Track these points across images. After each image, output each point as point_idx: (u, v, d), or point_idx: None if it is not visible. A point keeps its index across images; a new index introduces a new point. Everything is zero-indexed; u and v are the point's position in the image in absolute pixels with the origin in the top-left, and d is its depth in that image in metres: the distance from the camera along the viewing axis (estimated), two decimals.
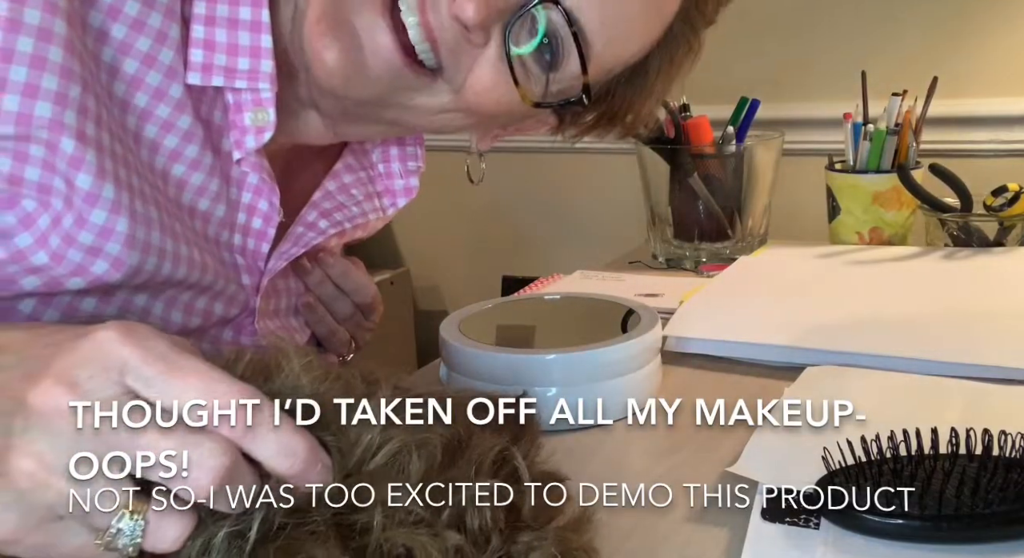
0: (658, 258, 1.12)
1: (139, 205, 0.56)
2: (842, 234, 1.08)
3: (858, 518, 0.47)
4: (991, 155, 1.26)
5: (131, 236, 0.56)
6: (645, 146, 1.10)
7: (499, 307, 0.76)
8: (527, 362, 0.64)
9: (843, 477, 0.49)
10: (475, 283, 1.67)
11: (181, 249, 0.60)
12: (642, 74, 0.68)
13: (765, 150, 1.09)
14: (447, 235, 1.70)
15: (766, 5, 1.37)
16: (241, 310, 0.68)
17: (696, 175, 1.08)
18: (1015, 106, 1.24)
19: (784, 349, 0.74)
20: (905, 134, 1.05)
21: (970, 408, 0.62)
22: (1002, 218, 0.98)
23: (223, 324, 0.67)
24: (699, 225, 1.09)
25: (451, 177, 1.66)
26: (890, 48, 1.29)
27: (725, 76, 1.38)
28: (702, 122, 1.09)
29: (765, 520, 0.50)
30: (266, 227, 0.66)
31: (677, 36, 0.68)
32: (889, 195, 1.05)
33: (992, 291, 0.86)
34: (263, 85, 0.60)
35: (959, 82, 1.24)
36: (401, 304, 1.71)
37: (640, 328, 0.68)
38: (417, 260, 1.75)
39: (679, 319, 0.81)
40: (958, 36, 1.27)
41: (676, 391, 0.68)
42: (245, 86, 0.60)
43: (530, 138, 1.57)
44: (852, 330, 0.77)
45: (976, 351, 0.70)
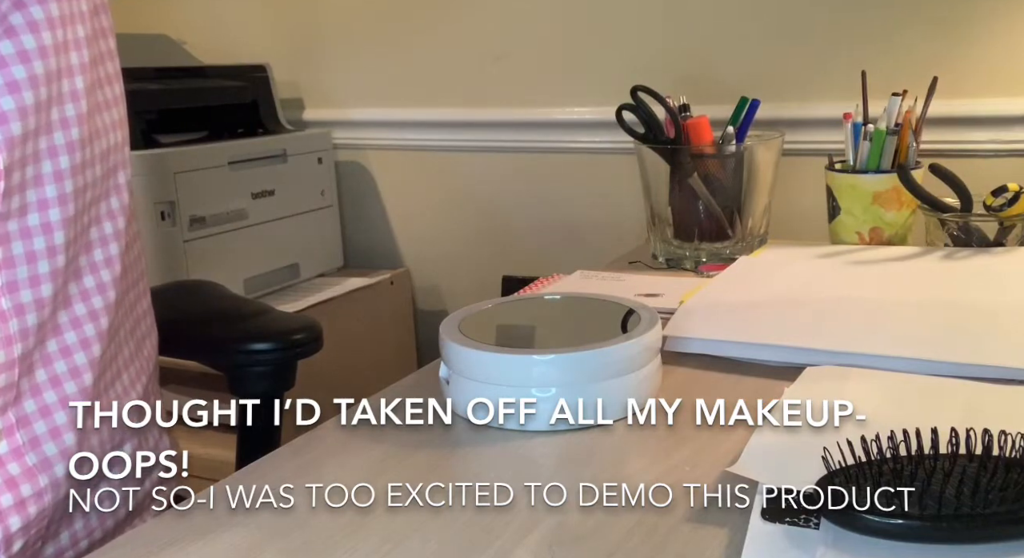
0: (658, 258, 1.12)
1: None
2: (842, 234, 1.08)
3: (858, 518, 0.47)
4: (991, 155, 1.26)
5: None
6: (645, 146, 1.10)
7: (499, 307, 0.76)
8: (527, 362, 0.64)
9: (843, 477, 0.49)
10: (475, 283, 1.67)
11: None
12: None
13: (765, 150, 1.09)
14: (447, 235, 1.70)
15: (766, 5, 1.37)
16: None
17: (696, 175, 1.08)
18: (1015, 106, 1.24)
19: (784, 349, 0.74)
20: (905, 134, 1.05)
21: (970, 408, 0.62)
22: (1002, 218, 0.98)
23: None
24: (699, 225, 1.09)
25: (451, 177, 1.66)
26: (890, 48, 1.29)
27: (725, 76, 1.39)
28: (702, 122, 1.09)
29: (765, 520, 0.50)
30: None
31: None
32: (889, 195, 1.05)
33: (992, 291, 0.86)
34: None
35: (959, 82, 1.24)
36: (401, 304, 1.71)
37: (640, 328, 0.68)
38: (417, 260, 1.75)
39: (679, 319, 0.81)
40: (958, 36, 1.27)
41: (676, 391, 0.68)
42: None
43: (530, 138, 1.57)
44: (852, 330, 0.77)
45: (976, 351, 0.70)
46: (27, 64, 0.60)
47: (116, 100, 0.70)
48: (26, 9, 0.60)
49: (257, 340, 0.90)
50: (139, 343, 0.74)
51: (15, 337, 0.61)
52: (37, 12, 0.61)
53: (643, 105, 1.09)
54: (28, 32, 0.60)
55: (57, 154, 0.63)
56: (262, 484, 0.56)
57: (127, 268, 0.71)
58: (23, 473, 0.62)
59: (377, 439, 0.63)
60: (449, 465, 0.61)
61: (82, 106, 0.65)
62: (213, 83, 1.60)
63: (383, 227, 1.76)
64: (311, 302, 1.52)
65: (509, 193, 1.62)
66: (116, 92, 0.70)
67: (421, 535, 0.52)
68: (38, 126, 0.61)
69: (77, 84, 0.64)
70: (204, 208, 1.44)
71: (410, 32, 1.65)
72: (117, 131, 0.70)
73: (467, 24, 1.59)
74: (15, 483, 0.62)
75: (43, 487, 0.62)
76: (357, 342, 1.57)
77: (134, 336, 0.73)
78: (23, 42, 0.60)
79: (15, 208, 0.61)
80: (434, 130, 1.66)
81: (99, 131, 0.67)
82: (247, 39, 1.78)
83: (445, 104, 1.63)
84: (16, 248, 0.62)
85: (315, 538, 0.52)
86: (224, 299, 1.02)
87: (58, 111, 0.63)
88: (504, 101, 1.59)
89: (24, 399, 0.63)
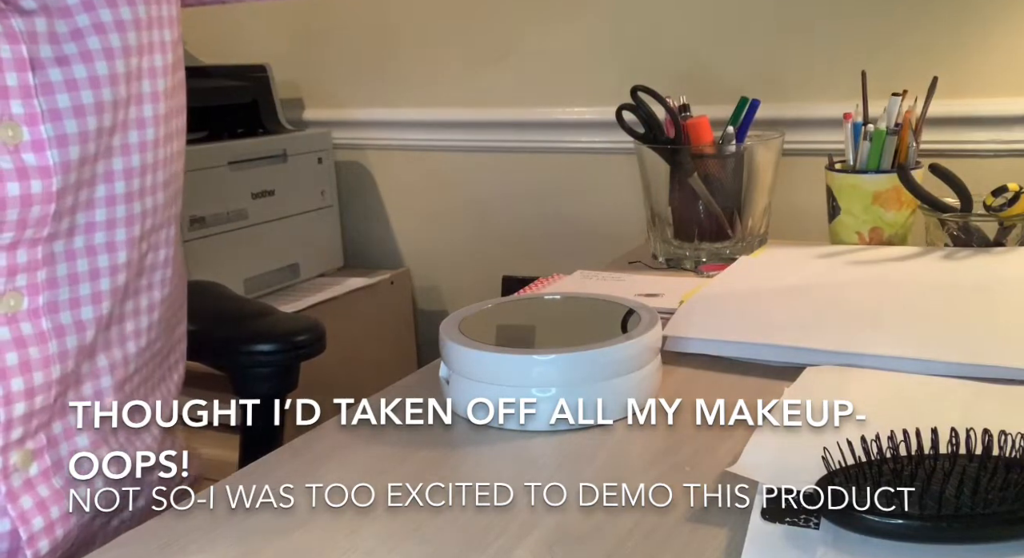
0: (658, 258, 1.12)
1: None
2: (842, 234, 1.08)
3: (858, 518, 0.47)
4: (991, 155, 1.26)
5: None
6: (645, 146, 1.10)
7: (499, 307, 0.76)
8: (527, 362, 0.64)
9: (843, 477, 0.49)
10: (475, 283, 1.67)
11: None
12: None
13: (765, 150, 1.09)
14: (447, 235, 1.70)
15: (766, 5, 1.37)
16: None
17: (696, 175, 1.08)
18: (1015, 106, 1.24)
19: (784, 349, 0.74)
20: (905, 134, 1.05)
21: (970, 408, 0.62)
22: (1002, 218, 0.98)
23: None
24: (699, 225, 1.09)
25: (451, 177, 1.66)
26: (890, 48, 1.29)
27: (725, 76, 1.39)
28: (702, 122, 1.09)
29: (765, 520, 0.50)
30: None
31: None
32: (889, 195, 1.05)
33: (992, 291, 0.86)
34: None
35: (959, 82, 1.24)
36: (401, 304, 1.71)
37: (640, 328, 0.68)
38: (417, 260, 1.75)
39: (679, 319, 0.81)
40: (958, 36, 1.27)
41: (676, 391, 0.68)
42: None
43: (530, 138, 1.57)
44: (852, 330, 0.77)
45: (976, 351, 0.70)
46: (96, 90, 0.60)
47: (181, 131, 0.70)
48: (104, 35, 0.60)
49: (261, 341, 0.90)
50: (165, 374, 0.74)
51: (54, 359, 0.61)
52: (115, 40, 0.61)
53: (643, 105, 1.09)
54: (103, 59, 0.60)
55: (113, 179, 0.63)
56: (262, 484, 0.56)
57: (168, 298, 0.71)
58: (52, 495, 0.62)
59: (377, 439, 0.63)
60: (449, 465, 0.61)
61: (147, 134, 0.64)
62: (213, 83, 1.60)
63: (383, 227, 1.76)
64: (311, 302, 1.52)
65: (509, 193, 1.62)
66: (181, 124, 0.70)
67: (421, 535, 0.52)
68: (97, 152, 0.61)
69: (145, 112, 0.64)
70: (204, 208, 1.44)
71: (410, 32, 1.65)
72: (178, 162, 0.69)
73: (467, 24, 1.59)
74: (45, 505, 0.61)
75: (69, 510, 0.62)
76: (357, 342, 1.57)
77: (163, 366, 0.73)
78: (96, 68, 0.60)
79: (63, 229, 0.61)
80: (434, 130, 1.66)
81: (162, 161, 0.67)
82: (247, 39, 1.78)
83: (445, 104, 1.63)
84: (60, 270, 0.61)
85: (315, 538, 0.52)
86: (227, 299, 1.02)
87: (121, 137, 0.62)
88: (504, 101, 1.59)
89: (55, 419, 0.62)
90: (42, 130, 0.57)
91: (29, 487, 0.60)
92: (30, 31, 0.57)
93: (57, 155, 0.58)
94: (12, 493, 0.60)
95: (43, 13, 0.58)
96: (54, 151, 0.58)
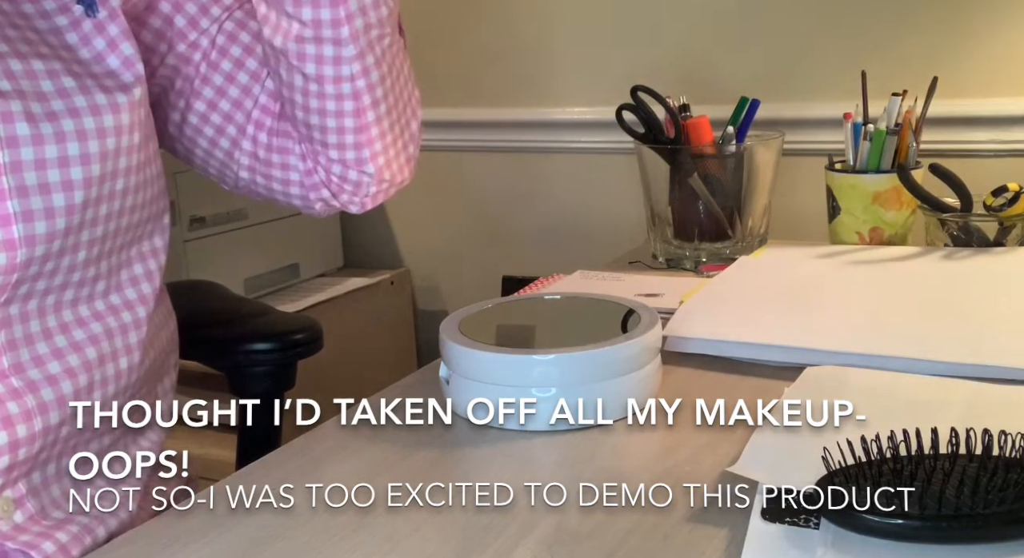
0: (658, 258, 1.12)
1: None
2: (842, 234, 1.08)
3: (858, 518, 0.47)
4: (991, 155, 1.26)
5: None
6: (645, 146, 1.10)
7: (499, 307, 0.76)
8: (527, 362, 0.64)
9: (843, 477, 0.49)
10: (475, 283, 1.67)
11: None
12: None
13: (765, 150, 1.09)
14: (447, 235, 1.70)
15: (767, 5, 1.37)
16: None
17: (696, 175, 1.08)
18: (1015, 106, 1.24)
19: (784, 349, 0.74)
20: (905, 134, 1.05)
21: (970, 408, 0.62)
22: (1002, 218, 0.98)
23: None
24: (699, 225, 1.09)
25: (451, 177, 1.66)
26: (890, 48, 1.29)
27: (725, 76, 1.39)
28: (702, 122, 1.09)
29: (765, 520, 0.50)
30: None
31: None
32: (889, 195, 1.05)
33: (992, 291, 0.86)
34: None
35: (959, 82, 1.24)
36: (401, 304, 1.71)
37: (640, 328, 0.68)
38: (417, 260, 1.75)
39: (679, 319, 0.81)
40: (958, 36, 1.27)
41: (676, 391, 0.68)
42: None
43: (530, 138, 1.57)
44: (852, 330, 0.77)
45: (976, 351, 0.70)
46: (86, 166, 0.61)
47: (154, 157, 0.70)
48: (99, 116, 0.62)
49: (257, 340, 0.90)
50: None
51: (34, 412, 0.61)
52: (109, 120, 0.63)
53: (643, 105, 1.09)
54: (96, 138, 0.62)
55: (78, 249, 0.63)
56: (262, 484, 0.56)
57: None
58: (43, 533, 0.62)
59: (377, 439, 0.63)
60: (449, 465, 0.61)
61: (126, 201, 0.65)
62: None
63: (383, 227, 1.76)
64: (311, 302, 1.52)
65: (509, 193, 1.62)
66: (153, 150, 0.70)
67: (421, 535, 0.52)
68: (69, 226, 0.62)
69: (118, 186, 0.64)
70: (204, 208, 1.44)
71: (410, 31, 1.65)
72: (145, 208, 0.69)
73: (467, 23, 1.59)
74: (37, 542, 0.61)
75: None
76: (357, 342, 1.57)
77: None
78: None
79: (21, 295, 0.61)
80: (434, 130, 1.66)
81: (129, 208, 0.67)
82: None
83: (445, 104, 1.63)
84: (17, 332, 0.62)
85: (315, 538, 0.53)
86: (224, 299, 1.02)
87: (93, 210, 0.63)
88: (504, 101, 1.58)
89: (34, 470, 0.62)
90: (8, 205, 0.59)
91: (21, 530, 0.61)
92: (4, 111, 0.58)
93: (23, 229, 0.59)
94: (5, 535, 0.60)
95: (17, 96, 0.59)
96: (19, 226, 0.59)
